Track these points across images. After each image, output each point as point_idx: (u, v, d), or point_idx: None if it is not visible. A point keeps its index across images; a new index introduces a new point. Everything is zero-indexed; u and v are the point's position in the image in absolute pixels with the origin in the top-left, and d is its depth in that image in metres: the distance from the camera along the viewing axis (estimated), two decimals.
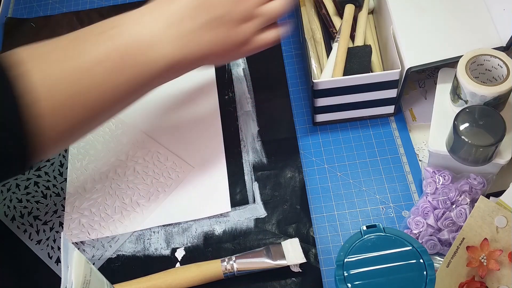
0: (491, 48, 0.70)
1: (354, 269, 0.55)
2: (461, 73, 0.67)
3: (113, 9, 0.96)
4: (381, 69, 0.81)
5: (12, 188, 0.78)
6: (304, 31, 0.81)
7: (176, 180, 0.76)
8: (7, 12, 0.98)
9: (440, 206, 0.67)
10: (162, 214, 0.74)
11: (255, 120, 0.81)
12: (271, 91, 0.84)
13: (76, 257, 0.52)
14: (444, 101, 0.72)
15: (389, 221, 0.72)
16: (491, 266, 0.60)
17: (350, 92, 0.75)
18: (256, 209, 0.74)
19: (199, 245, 0.72)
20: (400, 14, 0.78)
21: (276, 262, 0.67)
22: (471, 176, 0.68)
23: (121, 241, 0.73)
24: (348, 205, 0.73)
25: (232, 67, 0.86)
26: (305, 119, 0.81)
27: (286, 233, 0.71)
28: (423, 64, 0.73)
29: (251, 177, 0.76)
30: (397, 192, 0.74)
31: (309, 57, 0.83)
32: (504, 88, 0.65)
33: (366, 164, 0.76)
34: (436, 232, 0.67)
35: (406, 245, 0.56)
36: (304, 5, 0.88)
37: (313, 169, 0.77)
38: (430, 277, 0.53)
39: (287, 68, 0.86)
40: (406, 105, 0.81)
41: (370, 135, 0.79)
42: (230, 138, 0.80)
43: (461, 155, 0.66)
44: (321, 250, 0.70)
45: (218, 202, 0.74)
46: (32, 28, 0.94)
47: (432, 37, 0.75)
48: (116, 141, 0.81)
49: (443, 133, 0.68)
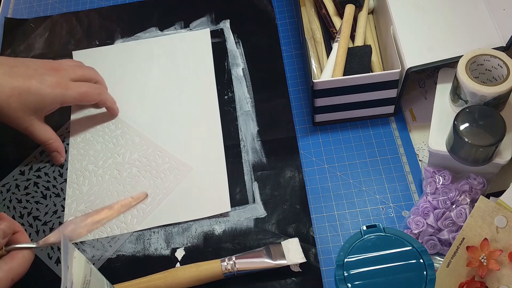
0: (491, 48, 0.70)
1: (354, 269, 0.55)
2: (461, 73, 0.67)
3: (112, 9, 0.96)
4: (381, 69, 0.81)
5: (12, 189, 0.78)
6: (304, 31, 0.81)
7: (176, 180, 0.76)
8: (7, 12, 0.98)
9: (440, 206, 0.67)
10: (162, 214, 0.74)
11: (254, 120, 0.81)
12: (270, 91, 0.84)
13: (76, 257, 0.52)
14: (444, 101, 0.72)
15: (389, 221, 0.72)
16: (491, 266, 0.60)
17: (350, 92, 0.75)
18: (256, 209, 0.74)
19: (199, 245, 0.72)
20: (400, 14, 0.78)
21: (276, 262, 0.67)
22: (471, 176, 0.68)
23: (121, 241, 0.73)
24: (348, 205, 0.73)
25: (232, 67, 0.86)
26: (305, 119, 0.81)
27: (286, 233, 0.71)
28: (423, 64, 0.73)
29: (250, 177, 0.76)
30: (397, 192, 0.74)
31: (309, 57, 0.83)
32: (504, 88, 0.65)
33: (366, 164, 0.76)
34: (436, 232, 0.67)
35: (406, 245, 0.56)
36: (304, 5, 0.88)
37: (313, 169, 0.77)
38: (430, 277, 0.53)
39: (287, 68, 0.86)
40: (406, 105, 0.81)
41: (370, 135, 0.79)
42: (230, 138, 0.80)
43: (461, 155, 0.65)
44: (321, 250, 0.70)
45: (218, 202, 0.74)
46: (31, 28, 0.94)
47: (432, 37, 0.75)
48: (115, 141, 0.81)
49: (443, 133, 0.68)
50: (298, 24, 0.83)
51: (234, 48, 0.89)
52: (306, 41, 0.82)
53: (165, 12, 0.94)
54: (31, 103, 0.74)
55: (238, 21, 0.92)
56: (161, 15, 0.94)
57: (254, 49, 0.88)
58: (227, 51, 0.88)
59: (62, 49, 0.91)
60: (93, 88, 0.80)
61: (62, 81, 0.77)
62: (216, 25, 0.91)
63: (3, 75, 0.73)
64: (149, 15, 0.94)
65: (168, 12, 0.94)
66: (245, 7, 0.93)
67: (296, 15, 0.84)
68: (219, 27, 0.91)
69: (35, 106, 0.75)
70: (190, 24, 0.92)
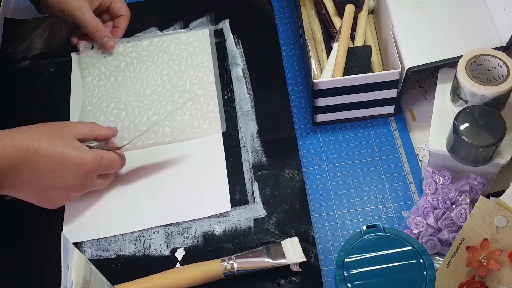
0: (491, 48, 0.70)
1: (354, 269, 0.55)
2: (461, 73, 0.67)
3: None
4: (381, 69, 0.81)
5: None
6: (304, 31, 0.81)
7: (176, 180, 0.76)
8: (7, 12, 0.98)
9: (440, 206, 0.67)
10: (162, 214, 0.74)
11: (254, 120, 0.81)
12: (270, 91, 0.84)
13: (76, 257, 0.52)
14: (444, 101, 0.72)
15: (389, 221, 0.72)
16: (491, 266, 0.60)
17: (350, 92, 0.75)
18: (256, 209, 0.74)
19: (199, 245, 0.72)
20: (400, 14, 0.78)
21: (276, 261, 0.67)
22: (471, 176, 0.68)
23: (121, 241, 0.73)
24: (348, 205, 0.73)
25: (231, 67, 0.86)
26: (305, 119, 0.81)
27: (286, 233, 0.71)
28: (423, 64, 0.73)
29: (250, 177, 0.76)
30: (397, 192, 0.74)
31: (309, 57, 0.83)
32: (504, 88, 0.65)
33: (366, 164, 0.76)
34: (436, 232, 0.67)
35: (406, 245, 0.56)
36: (304, 5, 0.88)
37: (313, 169, 0.77)
38: (430, 277, 0.53)
39: (287, 68, 0.86)
40: (406, 105, 0.81)
41: (370, 135, 0.79)
42: (230, 138, 0.79)
43: (461, 155, 0.65)
44: (321, 250, 0.70)
45: (218, 202, 0.74)
46: (31, 29, 0.94)
47: (432, 37, 0.75)
48: None
49: (443, 133, 0.68)
50: (298, 24, 0.83)
51: (234, 48, 0.89)
52: (306, 41, 0.82)
53: (164, 12, 0.94)
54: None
55: (237, 21, 0.92)
56: (161, 15, 0.94)
57: (254, 49, 0.88)
58: (227, 51, 0.88)
59: (61, 50, 0.91)
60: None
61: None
62: (216, 25, 0.91)
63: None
64: (149, 15, 0.94)
65: (167, 12, 0.94)
66: (245, 7, 0.93)
67: (296, 15, 0.84)
68: (218, 27, 0.91)
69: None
70: (189, 24, 0.92)
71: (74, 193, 0.71)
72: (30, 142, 0.65)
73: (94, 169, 0.70)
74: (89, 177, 0.70)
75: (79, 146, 0.70)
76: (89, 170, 0.69)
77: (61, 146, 0.67)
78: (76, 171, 0.68)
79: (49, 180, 0.67)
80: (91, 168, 0.70)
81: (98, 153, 0.71)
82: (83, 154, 0.69)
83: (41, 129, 0.68)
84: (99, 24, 0.86)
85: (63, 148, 0.67)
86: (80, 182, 0.70)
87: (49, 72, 0.89)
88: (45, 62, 0.90)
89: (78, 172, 0.69)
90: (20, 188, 0.67)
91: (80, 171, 0.69)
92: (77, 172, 0.69)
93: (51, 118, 0.81)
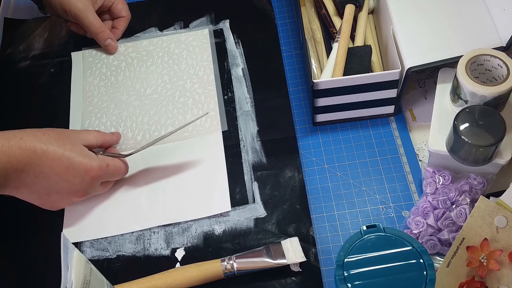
0: (491, 48, 0.70)
1: (354, 269, 0.55)
2: (461, 73, 0.67)
3: None
4: (381, 69, 0.81)
5: None
6: (304, 31, 0.81)
7: (176, 180, 0.76)
8: (7, 12, 0.98)
9: (440, 206, 0.67)
10: (162, 214, 0.74)
11: (254, 120, 0.81)
12: (270, 91, 0.84)
13: (76, 257, 0.52)
14: (444, 101, 0.72)
15: (389, 221, 0.72)
16: (491, 266, 0.60)
17: (350, 92, 0.75)
18: (256, 209, 0.74)
19: (199, 245, 0.72)
20: (400, 14, 0.78)
21: (276, 261, 0.67)
22: (471, 176, 0.68)
23: (121, 241, 0.73)
24: (348, 205, 0.73)
25: (231, 67, 0.86)
26: (305, 119, 0.81)
27: (286, 233, 0.71)
28: (423, 64, 0.73)
29: (250, 177, 0.76)
30: (397, 192, 0.74)
31: (309, 57, 0.83)
32: (504, 88, 0.65)
33: (366, 164, 0.76)
34: (436, 232, 0.67)
35: (406, 245, 0.56)
36: (304, 5, 0.88)
37: (313, 169, 0.77)
38: (430, 277, 0.53)
39: (287, 68, 0.86)
40: (406, 105, 0.81)
41: (370, 135, 0.79)
42: (230, 138, 0.80)
43: (461, 155, 0.65)
44: (321, 250, 0.70)
45: (218, 202, 0.74)
46: (31, 29, 0.94)
47: (432, 37, 0.75)
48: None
49: (443, 133, 0.68)
50: (298, 24, 0.83)
51: (234, 48, 0.89)
52: (306, 41, 0.82)
53: (164, 12, 0.94)
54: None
55: (237, 21, 0.92)
56: (161, 15, 0.94)
57: (254, 49, 0.88)
58: (227, 51, 0.88)
59: (61, 50, 0.91)
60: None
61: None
62: (216, 25, 0.91)
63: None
64: (149, 15, 0.94)
65: (167, 12, 0.94)
66: (245, 7, 0.93)
67: (296, 15, 0.84)
68: (218, 27, 0.91)
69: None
70: (189, 24, 0.92)
71: (76, 198, 0.71)
72: (38, 144, 0.65)
73: (99, 176, 0.70)
74: (93, 183, 0.70)
75: (86, 152, 0.70)
76: (94, 177, 0.70)
77: (69, 150, 0.67)
78: (82, 177, 0.69)
79: (53, 184, 0.67)
80: (96, 175, 0.70)
81: (104, 160, 0.71)
82: (90, 161, 0.69)
83: (50, 132, 0.68)
84: (102, 26, 0.86)
85: (71, 153, 0.67)
86: (84, 188, 0.70)
87: (49, 72, 0.89)
88: (45, 62, 0.90)
89: (84, 178, 0.69)
90: (24, 189, 0.67)
91: (86, 177, 0.69)
92: (83, 178, 0.69)
93: (51, 118, 0.81)
